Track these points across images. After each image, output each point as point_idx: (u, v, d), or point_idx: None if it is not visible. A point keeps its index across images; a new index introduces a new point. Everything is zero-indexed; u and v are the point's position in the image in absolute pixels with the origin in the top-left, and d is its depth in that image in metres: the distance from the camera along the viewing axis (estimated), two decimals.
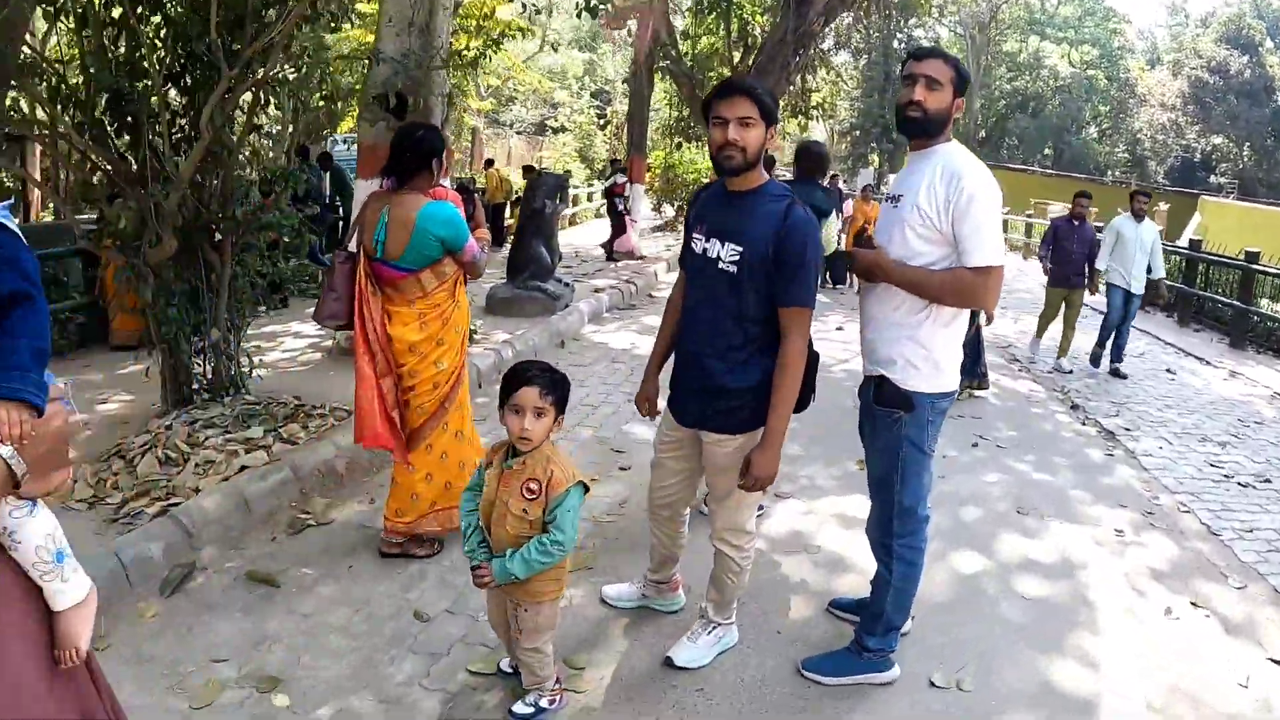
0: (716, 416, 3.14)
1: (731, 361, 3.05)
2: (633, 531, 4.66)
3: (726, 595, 3.50)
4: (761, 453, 3.01)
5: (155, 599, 3.98)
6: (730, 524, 3.34)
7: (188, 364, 5.80)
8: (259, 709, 3.30)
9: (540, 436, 2.80)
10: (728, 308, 3.03)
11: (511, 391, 2.79)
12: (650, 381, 3.56)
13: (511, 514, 2.86)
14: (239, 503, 4.60)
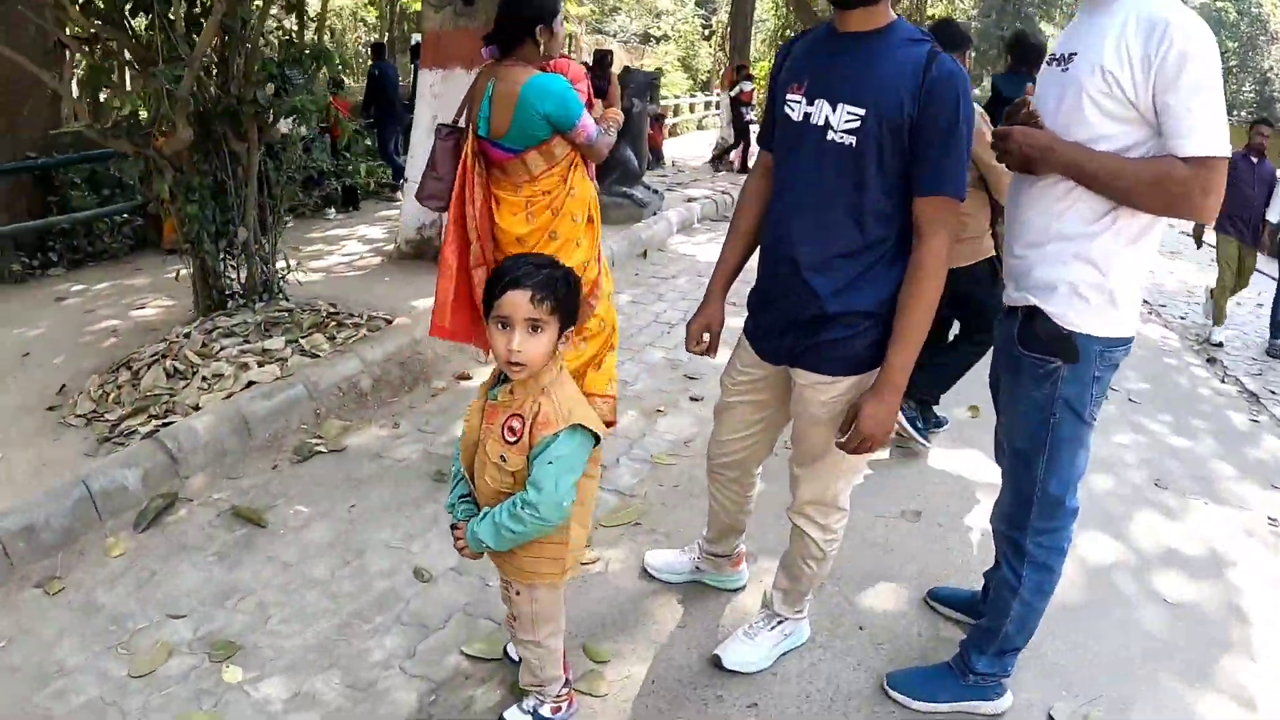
0: (817, 351, 2.26)
1: (842, 276, 2.18)
2: (698, 479, 3.84)
3: (801, 586, 2.69)
4: (875, 400, 2.14)
5: (127, 534, 3.41)
6: (819, 495, 2.48)
7: (215, 266, 5.19)
8: (204, 682, 2.69)
9: (537, 360, 1.97)
10: (838, 199, 2.15)
11: (494, 298, 1.96)
12: (712, 305, 2.62)
13: (490, 461, 2.09)
14: (238, 424, 3.97)
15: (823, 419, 2.33)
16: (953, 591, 3.07)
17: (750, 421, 2.61)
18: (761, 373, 2.49)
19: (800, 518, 2.54)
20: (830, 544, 2.55)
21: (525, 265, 1.97)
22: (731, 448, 2.69)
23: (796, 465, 2.52)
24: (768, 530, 3.37)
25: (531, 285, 1.92)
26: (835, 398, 2.29)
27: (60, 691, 2.65)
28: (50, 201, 7.28)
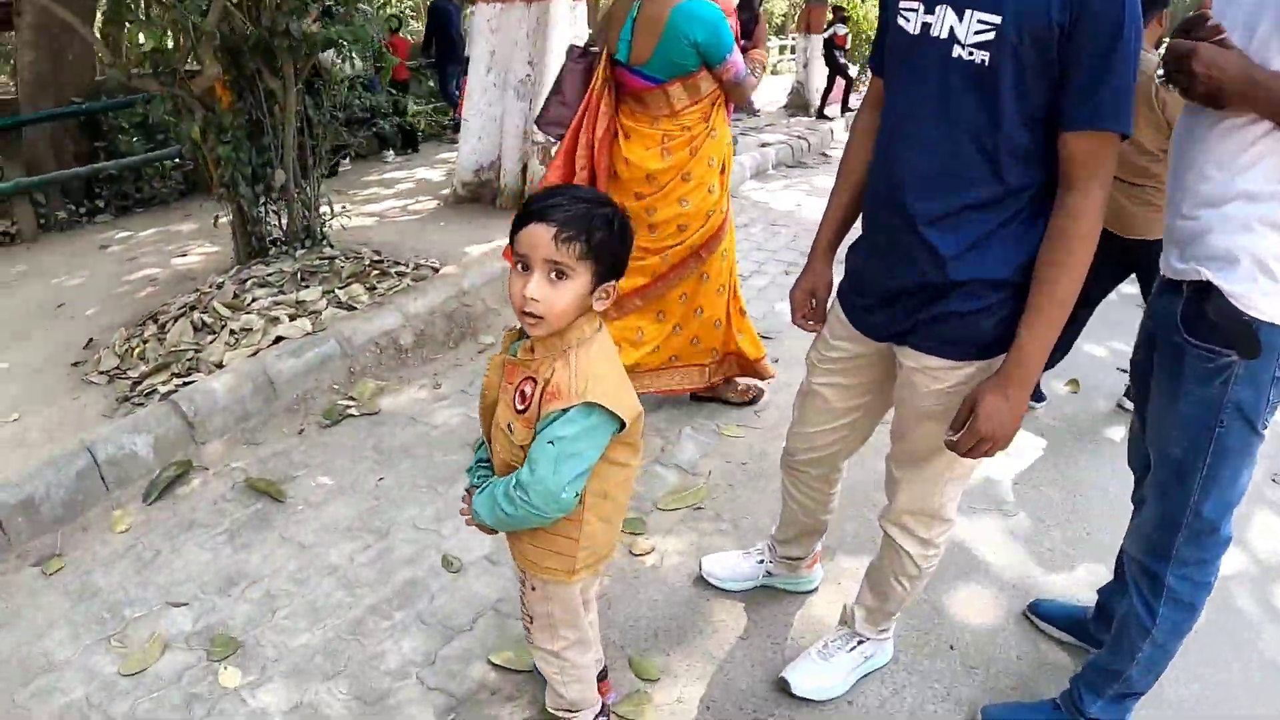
0: (933, 327, 1.76)
1: (969, 232, 1.67)
2: (769, 455, 3.39)
3: (889, 605, 2.22)
4: (998, 393, 1.64)
5: (135, 506, 3.11)
6: (921, 504, 2.00)
7: (252, 211, 4.85)
8: (198, 686, 2.36)
9: (557, 314, 1.55)
10: (966, 134, 1.62)
11: (518, 228, 1.57)
12: (817, 266, 2.14)
13: (500, 426, 1.71)
14: (262, 384, 3.63)
15: (934, 412, 1.83)
16: (1059, 606, 2.57)
17: (841, 410, 2.13)
18: (858, 350, 1.99)
19: (895, 528, 2.06)
20: (929, 560, 2.08)
21: (559, 196, 1.55)
22: (817, 441, 2.21)
23: (896, 465, 2.03)
24: (847, 517, 2.91)
25: (558, 220, 1.50)
26: (952, 387, 1.79)
27: (44, 690, 2.37)
28: (98, 148, 7.04)
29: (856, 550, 2.85)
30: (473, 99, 6.64)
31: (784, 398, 3.82)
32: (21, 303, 5.04)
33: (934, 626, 2.55)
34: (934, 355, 1.78)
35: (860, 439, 2.21)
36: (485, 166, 6.74)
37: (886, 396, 2.05)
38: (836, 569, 2.76)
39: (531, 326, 1.57)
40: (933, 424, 1.84)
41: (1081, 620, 2.45)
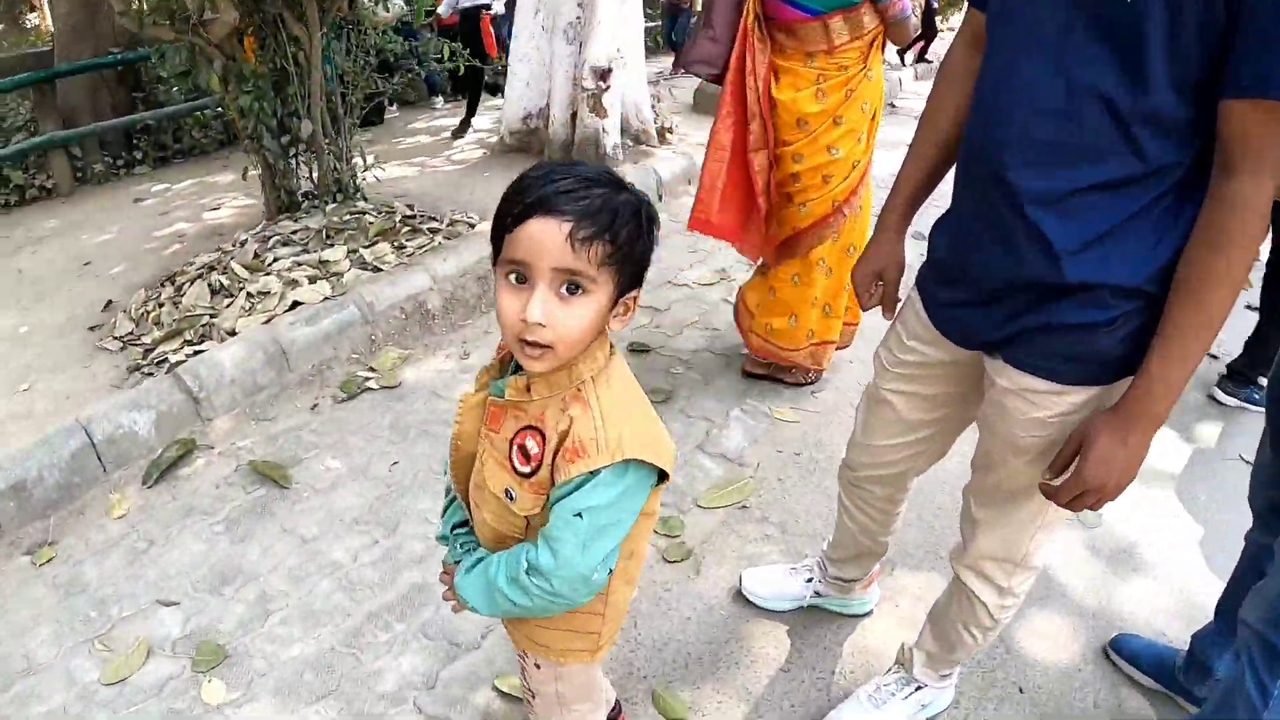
0: (1039, 339, 1.38)
1: (1094, 221, 1.27)
2: (825, 447, 3.05)
3: (954, 655, 1.88)
4: (1115, 432, 1.29)
5: (134, 489, 2.91)
6: (1004, 550, 1.64)
7: (278, 164, 4.59)
8: (179, 700, 2.16)
9: (570, 342, 1.14)
10: (1095, 92, 1.22)
11: (507, 226, 1.11)
12: (886, 241, 1.76)
13: (490, 489, 1.29)
14: (274, 355, 3.38)
15: (1030, 446, 1.46)
16: (1146, 645, 2.19)
17: (913, 424, 1.76)
18: (939, 355, 1.62)
19: (970, 574, 1.70)
20: (1006, 611, 1.72)
21: (563, 178, 1.09)
22: (883, 457, 1.85)
23: (976, 502, 1.66)
24: (908, 523, 2.56)
25: (574, 213, 1.07)
26: (1055, 417, 1.41)
27: (22, 695, 2.18)
28: (136, 98, 6.84)
29: (919, 565, 2.50)
30: (519, 43, 6.29)
31: (843, 377, 3.47)
32: (50, 260, 4.88)
33: (1000, 664, 2.20)
34: (1036, 375, 1.40)
35: (934, 457, 1.85)
36: (533, 114, 6.41)
37: (970, 411, 1.69)
38: (894, 586, 2.42)
39: (532, 360, 1.13)
40: (1027, 459, 1.48)
41: (1170, 665, 2.08)
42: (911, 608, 2.35)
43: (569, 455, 1.16)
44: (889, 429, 1.79)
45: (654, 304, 4.13)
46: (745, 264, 4.59)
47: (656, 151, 6.23)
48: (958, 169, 1.48)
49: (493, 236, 1.15)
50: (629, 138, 6.32)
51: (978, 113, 1.39)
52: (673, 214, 5.42)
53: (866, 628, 2.29)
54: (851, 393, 3.35)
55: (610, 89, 5.84)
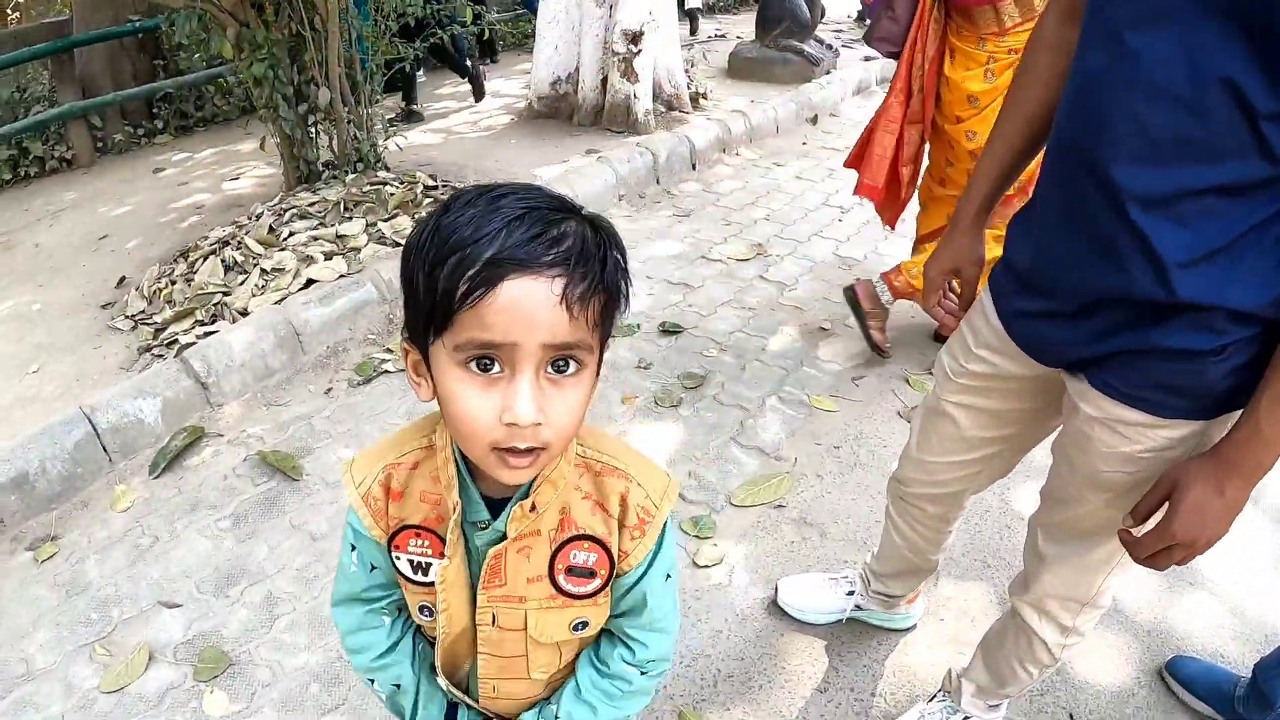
0: (1134, 364, 1.18)
1: (1210, 230, 1.05)
2: (866, 440, 2.86)
3: (1007, 689, 1.70)
4: (1212, 481, 1.10)
5: (140, 480, 2.79)
6: (1073, 590, 1.46)
7: (296, 134, 4.42)
8: (178, 713, 2.05)
9: (568, 438, 0.86)
10: (1220, 77, 0.98)
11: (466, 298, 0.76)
12: (962, 235, 1.55)
13: (541, 643, 1.05)
14: (286, 337, 3.23)
15: (1114, 483, 1.27)
16: (1203, 669, 2.00)
17: (976, 441, 1.57)
18: (1011, 369, 1.41)
19: (1033, 612, 1.52)
20: (1067, 649, 1.54)
21: (520, 214, 0.77)
22: (940, 475, 1.66)
23: (1045, 536, 1.46)
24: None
25: (560, 263, 0.77)
26: (1148, 452, 1.21)
27: (19, 703, 2.08)
28: (157, 66, 6.69)
29: (965, 575, 2.32)
30: (548, 5, 6.06)
31: (885, 363, 3.27)
32: (67, 233, 4.77)
33: (1050, 687, 2.01)
34: (1130, 405, 1.19)
35: (995, 476, 1.66)
36: (562, 79, 6.20)
37: (1040, 430, 1.50)
38: (938, 599, 2.24)
39: (520, 470, 0.84)
40: (1109, 497, 1.28)
41: (1229, 692, 1.90)
42: (956, 623, 2.18)
43: (635, 533, 0.98)
44: (948, 445, 1.60)
45: (687, 280, 3.94)
46: (783, 238, 4.39)
47: (690, 118, 5.99)
48: (1046, 162, 1.26)
49: (423, 309, 0.80)
50: (661, 104, 6.10)
51: (1076, 98, 1.16)
52: (707, 184, 5.21)
53: (909, 645, 2.12)
54: (893, 380, 3.16)
55: (642, 53, 5.62)
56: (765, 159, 5.71)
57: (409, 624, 1.14)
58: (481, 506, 0.95)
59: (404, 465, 0.98)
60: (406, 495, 0.98)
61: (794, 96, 6.64)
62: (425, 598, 1.02)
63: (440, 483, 0.96)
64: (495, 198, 0.79)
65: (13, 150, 5.90)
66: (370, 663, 1.11)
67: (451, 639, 1.04)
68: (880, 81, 7.93)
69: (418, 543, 0.99)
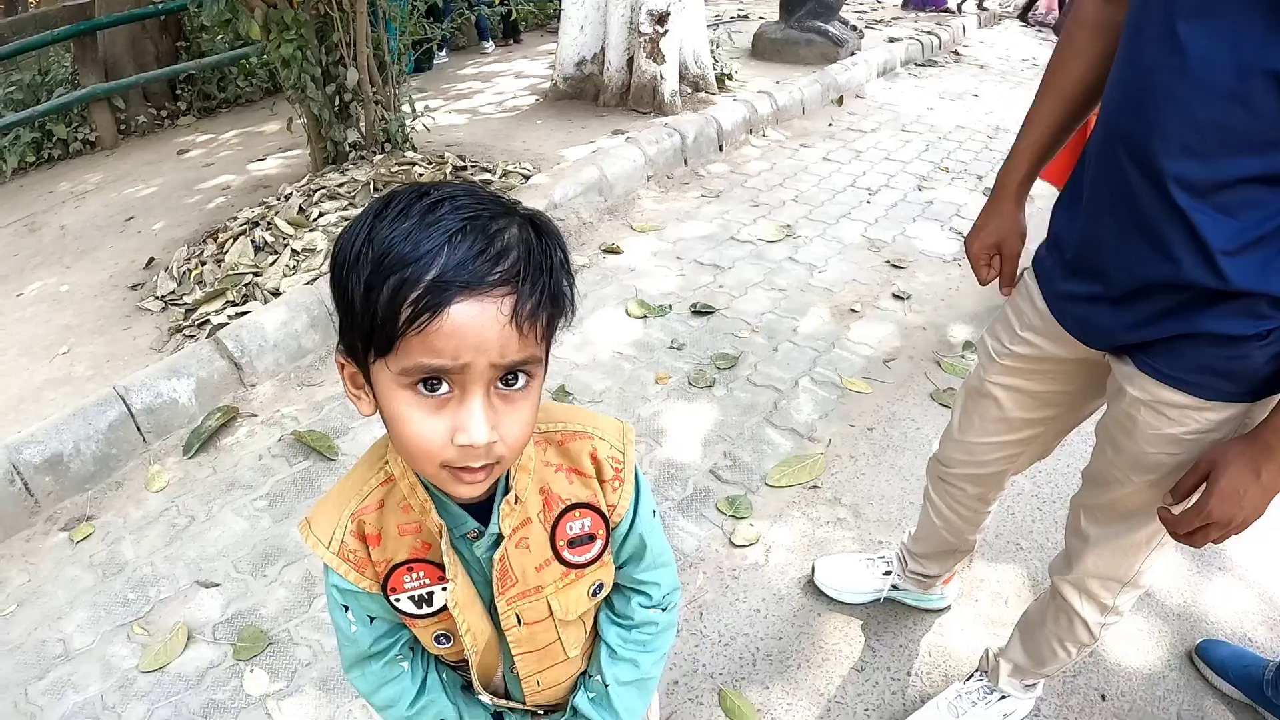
0: (1180, 348, 1.18)
1: (1258, 218, 1.04)
2: (898, 420, 2.84)
3: (1045, 669, 1.71)
4: (1249, 464, 1.10)
5: (175, 460, 2.79)
6: (1114, 570, 1.46)
7: (322, 115, 4.41)
8: (219, 690, 2.05)
9: (519, 448, 0.83)
10: (1267, 65, 0.97)
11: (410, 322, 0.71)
12: (1004, 209, 1.53)
13: (568, 620, 1.06)
14: (318, 317, 3.23)
15: (1158, 464, 1.26)
16: (1233, 653, 1.98)
17: (1019, 422, 1.56)
18: (1056, 351, 1.41)
19: (1075, 591, 1.51)
20: (1108, 628, 1.54)
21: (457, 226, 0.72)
22: (982, 456, 1.65)
23: (1087, 517, 1.46)
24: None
25: (506, 279, 0.73)
26: (1193, 434, 1.21)
27: (58, 684, 2.09)
28: (179, 48, 6.70)
29: (999, 556, 2.30)
30: None
31: (916, 343, 3.24)
32: (93, 215, 4.79)
33: (1083, 669, 2.00)
34: (1176, 388, 1.19)
35: (1036, 457, 1.65)
36: (588, 59, 6.15)
37: (1082, 411, 1.50)
38: (973, 580, 2.23)
39: (476, 484, 0.81)
40: (1153, 478, 1.28)
41: (1257, 677, 1.89)
42: (990, 604, 2.17)
43: (615, 484, 0.99)
44: (990, 426, 1.59)
45: (717, 262, 3.91)
46: (811, 220, 4.36)
47: (715, 99, 5.94)
48: (1091, 146, 1.24)
49: (362, 329, 0.75)
50: (687, 84, 6.05)
51: (1125, 88, 1.15)
52: (734, 165, 5.17)
53: (944, 625, 2.11)
54: (925, 363, 3.13)
55: (668, 33, 5.58)
56: (792, 140, 5.66)
57: (427, 658, 1.12)
58: (466, 516, 0.93)
59: (369, 508, 0.95)
60: (384, 536, 0.95)
61: (819, 78, 6.58)
62: (438, 627, 1.01)
63: (413, 510, 0.93)
64: (431, 205, 0.73)
65: (36, 133, 5.93)
66: (406, 712, 1.09)
67: (479, 654, 1.03)
68: (905, 63, 7.84)
69: (413, 577, 0.96)
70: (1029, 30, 9.94)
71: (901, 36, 8.29)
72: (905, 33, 8.49)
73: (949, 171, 5.04)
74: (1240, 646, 2.02)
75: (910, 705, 1.90)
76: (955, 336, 3.29)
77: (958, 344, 3.23)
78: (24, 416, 2.90)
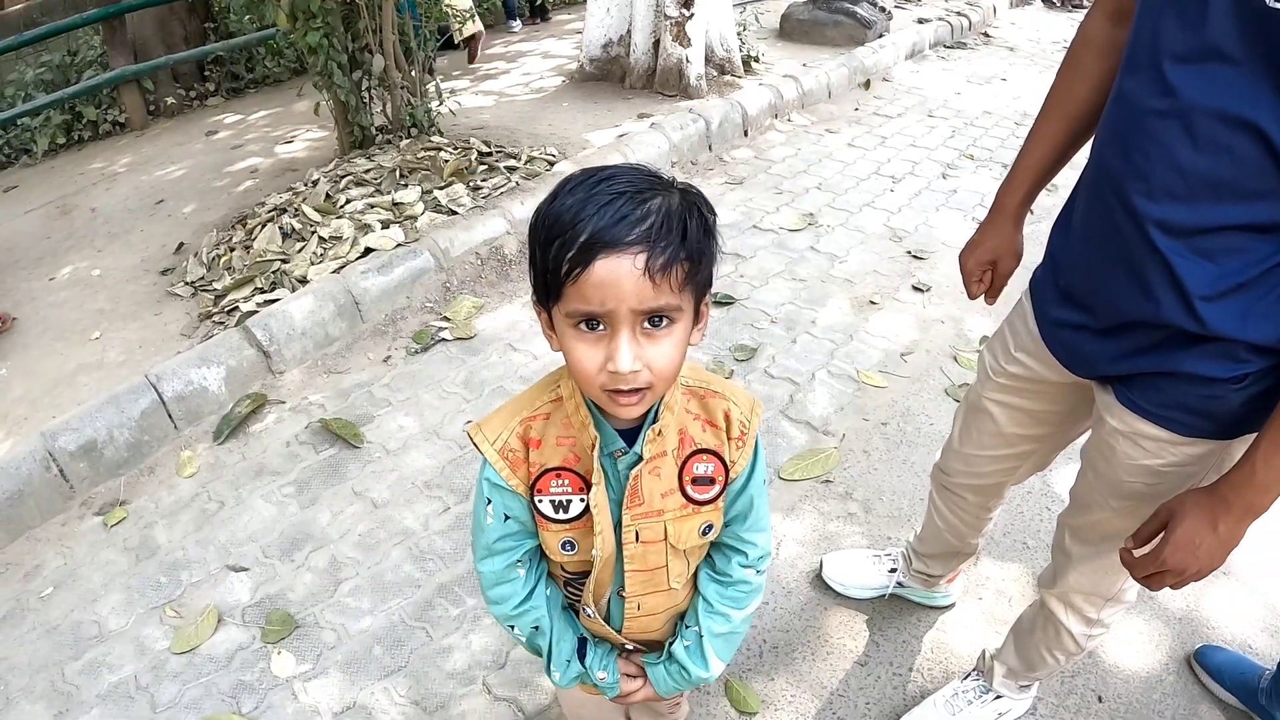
0: (1158, 385, 1.21)
1: (1236, 265, 1.07)
2: (913, 416, 2.87)
3: (1036, 673, 1.76)
4: (1206, 516, 1.13)
5: (205, 446, 2.87)
6: (1094, 588, 1.51)
7: (349, 100, 4.46)
8: (249, 672, 2.13)
9: (669, 378, 0.99)
10: (1255, 119, 0.99)
11: (567, 276, 0.90)
12: (999, 226, 1.57)
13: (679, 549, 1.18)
14: (345, 305, 3.29)
15: (1135, 493, 1.31)
16: (1229, 659, 2.01)
17: (1013, 438, 1.60)
18: (1046, 373, 1.44)
19: (1060, 605, 1.57)
20: (1094, 640, 1.60)
21: (611, 197, 0.89)
22: (979, 468, 1.70)
23: (1071, 536, 1.51)
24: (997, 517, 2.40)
25: (642, 240, 0.89)
26: (1168, 466, 1.25)
27: (93, 664, 2.17)
28: (208, 29, 6.74)
29: (1005, 555, 2.34)
30: None
31: (934, 337, 3.26)
32: (123, 198, 4.86)
33: (1081, 670, 2.04)
34: (1153, 422, 1.22)
35: (1034, 469, 1.70)
36: (614, 41, 6.14)
37: (1075, 430, 1.54)
38: (978, 578, 2.27)
39: (631, 406, 0.98)
40: (1130, 505, 1.32)
41: (1253, 684, 1.92)
42: (994, 603, 2.21)
43: (739, 443, 1.14)
44: (987, 440, 1.64)
45: (739, 250, 3.94)
46: (834, 208, 4.36)
47: (741, 82, 5.92)
48: (1084, 177, 1.27)
49: (540, 280, 0.95)
50: (713, 67, 6.03)
51: (1113, 124, 1.17)
52: (759, 150, 5.17)
53: (947, 622, 2.16)
54: (942, 358, 3.15)
55: (694, 16, 5.56)
56: (817, 125, 5.65)
57: (540, 572, 1.24)
58: (616, 436, 1.08)
59: (539, 416, 1.10)
60: (544, 442, 1.10)
61: (846, 61, 6.53)
62: (567, 533, 1.14)
63: (574, 426, 1.09)
64: (595, 182, 0.92)
65: (66, 115, 6.00)
66: (510, 611, 1.21)
67: (602, 562, 1.15)
68: (934, 45, 7.77)
69: (559, 483, 1.10)
70: (1060, 10, 9.79)
71: (931, 17, 8.19)
72: (935, 13, 8.39)
73: (974, 159, 5.01)
74: (1238, 653, 2.04)
75: (910, 700, 1.95)
76: (973, 331, 3.30)
77: (975, 339, 3.25)
78: (60, 401, 2.98)
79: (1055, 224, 1.36)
